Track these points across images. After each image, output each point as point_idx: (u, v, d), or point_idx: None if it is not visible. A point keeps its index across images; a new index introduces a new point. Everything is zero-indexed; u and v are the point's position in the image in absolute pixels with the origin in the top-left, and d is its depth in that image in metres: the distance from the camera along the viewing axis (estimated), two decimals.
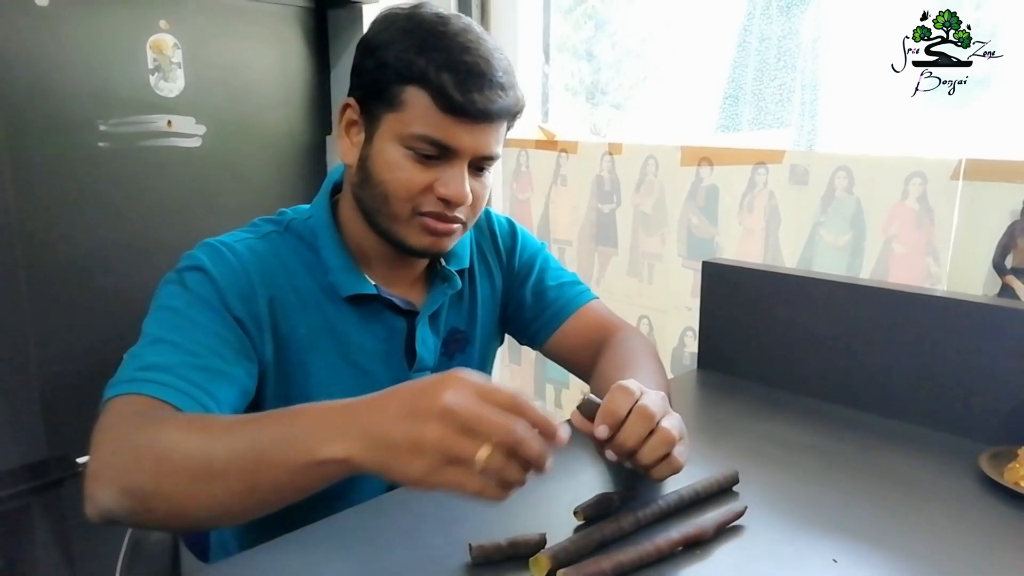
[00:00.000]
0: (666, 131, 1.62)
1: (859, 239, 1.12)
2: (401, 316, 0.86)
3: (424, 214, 0.78)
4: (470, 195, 0.78)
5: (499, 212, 1.05)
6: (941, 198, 1.02)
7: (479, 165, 0.79)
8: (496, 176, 1.66)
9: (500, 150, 0.80)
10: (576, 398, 1.14)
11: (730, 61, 1.44)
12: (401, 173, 0.76)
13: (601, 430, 0.63)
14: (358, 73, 0.79)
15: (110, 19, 1.33)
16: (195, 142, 1.47)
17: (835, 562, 0.65)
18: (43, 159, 1.29)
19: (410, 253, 0.82)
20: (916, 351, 0.96)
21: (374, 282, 0.84)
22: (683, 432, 0.69)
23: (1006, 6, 1.07)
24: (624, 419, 0.64)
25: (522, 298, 0.99)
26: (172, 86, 1.42)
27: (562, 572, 0.59)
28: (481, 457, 0.50)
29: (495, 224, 0.99)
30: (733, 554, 0.67)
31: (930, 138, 1.14)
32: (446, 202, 0.77)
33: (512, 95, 0.77)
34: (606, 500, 0.71)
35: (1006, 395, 0.89)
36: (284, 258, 0.81)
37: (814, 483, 0.81)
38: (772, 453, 0.88)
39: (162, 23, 1.39)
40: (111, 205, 1.38)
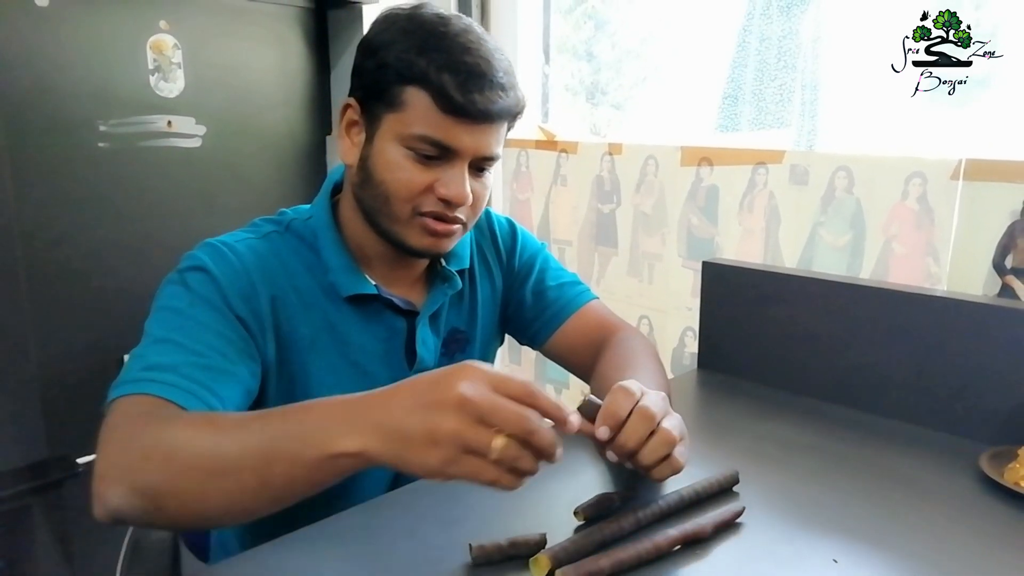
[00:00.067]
0: (666, 131, 1.62)
1: (859, 239, 1.12)
2: (401, 316, 0.86)
3: (424, 214, 0.78)
4: (470, 195, 0.78)
5: (499, 212, 1.05)
6: (941, 198, 1.02)
7: (479, 166, 0.80)
8: (496, 176, 1.66)
9: (500, 151, 0.80)
10: (576, 398, 1.14)
11: (730, 61, 1.44)
12: (402, 173, 0.76)
13: (602, 431, 0.63)
14: (359, 73, 0.79)
15: (110, 19, 1.33)
16: (195, 142, 1.47)
17: (835, 562, 0.65)
18: (43, 159, 1.29)
19: (410, 253, 0.82)
20: (916, 351, 0.96)
21: (374, 282, 0.84)
22: (684, 432, 0.69)
23: (1006, 6, 1.07)
24: (625, 420, 0.64)
25: (522, 298, 0.99)
26: (172, 86, 1.42)
27: (561, 571, 0.59)
28: (497, 446, 0.51)
29: (495, 224, 0.99)
30: (733, 554, 0.67)
31: (930, 138, 1.14)
32: (446, 202, 0.77)
33: (513, 96, 0.77)
34: (606, 500, 0.71)
35: (1006, 395, 0.89)
36: (285, 258, 0.81)
37: (814, 483, 0.81)
38: (772, 453, 0.88)
39: (162, 23, 1.39)
40: (111, 205, 1.38)
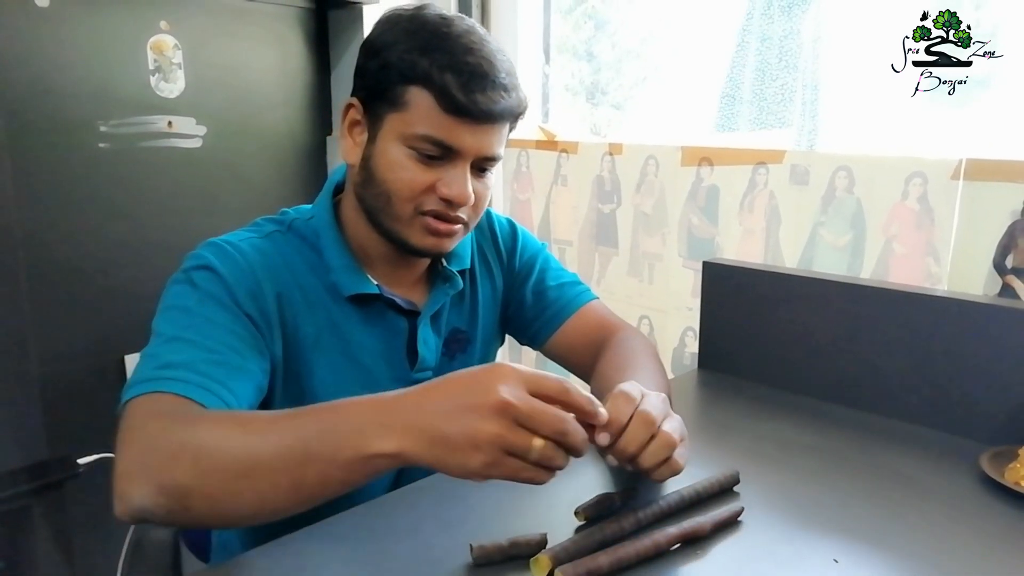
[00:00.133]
0: (666, 131, 1.62)
1: (859, 239, 1.12)
2: (403, 316, 0.86)
3: (426, 213, 0.78)
4: (472, 195, 0.78)
5: (500, 212, 1.05)
6: (941, 198, 1.02)
7: (481, 166, 0.80)
8: (497, 177, 1.66)
9: (503, 151, 0.81)
10: None
11: (730, 61, 1.44)
12: (404, 173, 0.76)
13: (603, 437, 0.62)
14: (361, 74, 0.79)
15: (110, 20, 1.33)
16: (195, 143, 1.48)
17: (836, 562, 0.65)
18: (44, 160, 1.29)
19: (412, 253, 0.82)
20: (916, 351, 0.96)
21: (376, 282, 0.84)
22: (684, 434, 0.68)
23: (1006, 6, 1.07)
24: (625, 426, 0.64)
25: (522, 298, 0.99)
26: (172, 87, 1.43)
27: (560, 569, 0.60)
28: (536, 447, 0.53)
29: (496, 224, 0.99)
30: (733, 554, 0.67)
31: (930, 138, 1.14)
32: (448, 202, 0.77)
33: (515, 96, 0.77)
34: (607, 500, 0.71)
35: (1007, 395, 0.89)
36: (288, 257, 0.81)
37: (814, 483, 0.81)
38: (772, 453, 0.88)
39: (162, 24, 1.39)
40: (111, 206, 1.38)
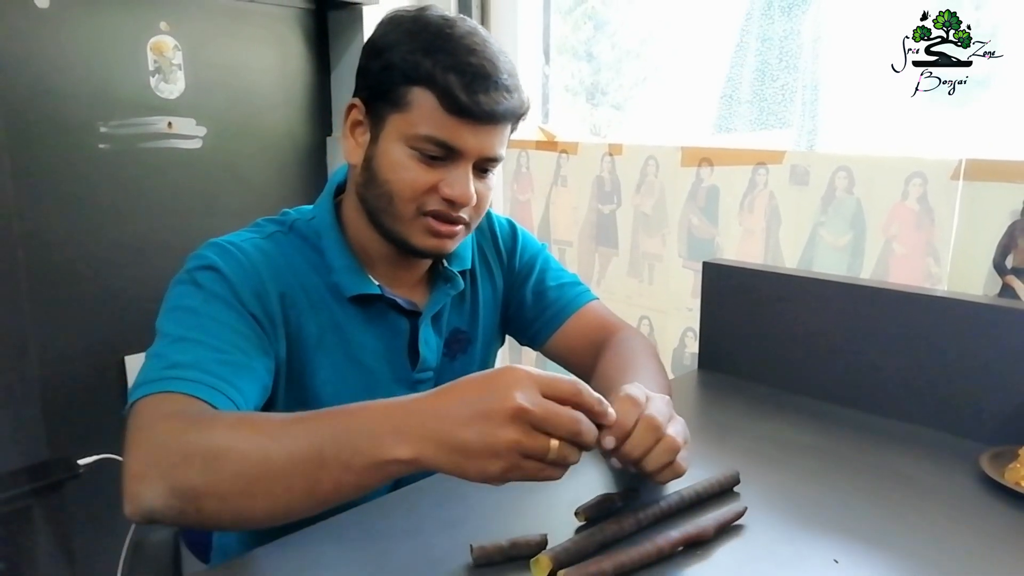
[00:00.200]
0: (666, 132, 1.62)
1: (859, 239, 1.12)
2: (404, 316, 0.86)
3: (428, 214, 0.78)
4: (474, 196, 0.78)
5: (500, 213, 1.05)
6: (941, 198, 1.02)
7: (483, 166, 0.80)
8: (497, 177, 1.66)
9: (504, 152, 0.81)
10: None
11: (730, 61, 1.44)
12: (406, 173, 0.76)
13: (608, 441, 0.62)
14: (363, 74, 0.79)
15: (110, 21, 1.33)
16: (195, 144, 1.48)
17: (836, 562, 0.65)
18: (44, 161, 1.29)
19: (413, 253, 0.82)
20: (917, 351, 0.96)
21: (378, 282, 0.84)
22: (687, 437, 0.68)
23: (1006, 6, 1.07)
24: (631, 430, 0.63)
25: (523, 299, 0.99)
26: (172, 88, 1.43)
27: (563, 572, 0.59)
28: (553, 448, 0.55)
29: (496, 225, 0.99)
30: (734, 554, 0.67)
31: (930, 138, 1.14)
32: (450, 203, 0.77)
33: (517, 97, 0.78)
34: (607, 501, 0.71)
35: (1007, 395, 0.89)
36: (290, 257, 0.81)
37: (815, 483, 0.81)
38: (773, 453, 0.88)
39: (162, 25, 1.39)
40: (112, 207, 1.38)
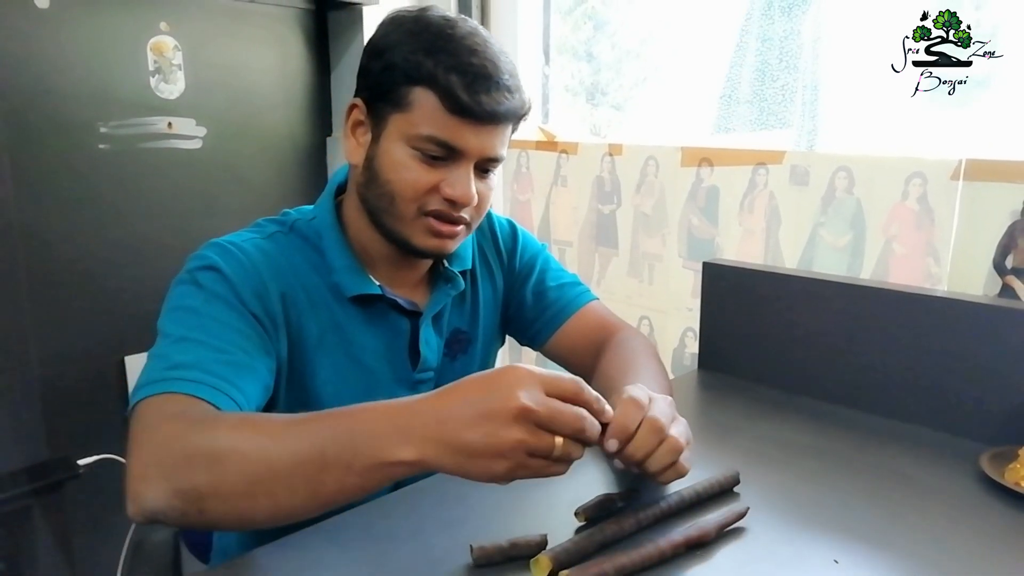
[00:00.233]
0: (666, 132, 1.62)
1: (859, 239, 1.12)
2: (405, 316, 0.86)
3: (429, 214, 0.78)
4: (476, 196, 0.79)
5: (500, 213, 1.05)
6: (941, 198, 1.02)
7: (485, 167, 0.80)
8: (497, 177, 1.66)
9: (505, 152, 0.81)
10: None
11: (730, 62, 1.44)
12: (408, 173, 0.76)
13: (611, 444, 0.62)
14: (365, 74, 0.79)
15: (110, 21, 1.33)
16: (195, 144, 1.48)
17: (836, 563, 0.65)
18: (44, 161, 1.29)
19: (414, 253, 0.83)
20: (917, 351, 0.96)
21: (378, 283, 0.84)
22: (689, 438, 0.68)
23: (1006, 6, 1.07)
24: (634, 432, 0.63)
25: (523, 299, 0.99)
26: (172, 88, 1.43)
27: (565, 573, 0.59)
28: (558, 445, 0.55)
29: (496, 225, 0.99)
30: (734, 555, 0.67)
31: (930, 138, 1.14)
32: (452, 203, 0.77)
33: (518, 97, 0.78)
34: (607, 501, 0.71)
35: (1007, 395, 0.89)
36: (291, 258, 0.81)
37: (814, 483, 0.81)
38: (772, 454, 0.88)
39: (162, 25, 1.39)
40: (112, 207, 1.38)
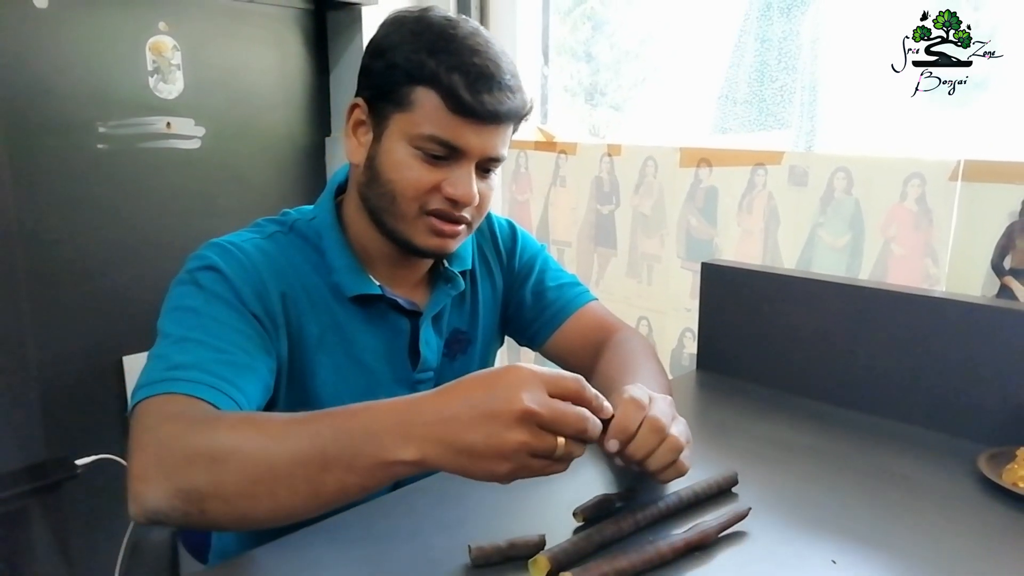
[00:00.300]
0: (665, 132, 1.62)
1: (858, 240, 1.12)
2: (405, 317, 0.86)
3: (430, 213, 0.78)
4: (477, 195, 0.79)
5: (498, 213, 1.05)
6: (940, 199, 1.02)
7: (486, 166, 0.80)
8: (497, 178, 1.66)
9: (506, 152, 0.81)
10: None
11: (729, 62, 1.44)
12: (409, 172, 0.76)
13: (612, 444, 0.62)
14: (366, 74, 0.79)
15: (109, 21, 1.33)
16: (194, 144, 1.47)
17: (834, 563, 0.65)
18: (43, 161, 1.29)
19: (415, 253, 0.83)
20: (915, 352, 0.96)
21: (378, 283, 0.84)
22: (689, 437, 0.69)
23: (1006, 6, 1.07)
24: (635, 432, 0.63)
25: (522, 299, 0.99)
26: (171, 88, 1.43)
27: (570, 572, 0.59)
28: (560, 446, 0.55)
29: (495, 226, 0.99)
30: (732, 555, 0.67)
31: (929, 139, 1.14)
32: (453, 202, 0.78)
33: (520, 98, 0.78)
34: (606, 501, 0.71)
35: (1005, 396, 0.89)
36: (291, 257, 0.81)
37: (813, 484, 0.81)
38: (771, 454, 0.88)
39: (161, 25, 1.39)
40: (111, 207, 1.38)
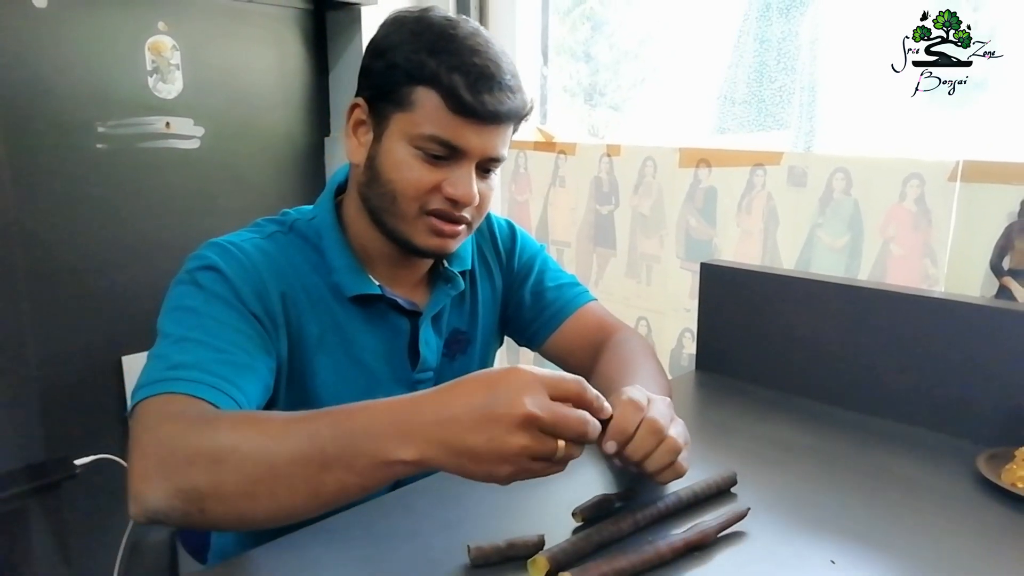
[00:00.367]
0: (664, 133, 1.62)
1: (857, 240, 1.12)
2: (405, 317, 0.86)
3: (431, 213, 0.78)
4: (478, 195, 0.79)
5: (497, 214, 1.05)
6: (939, 200, 1.03)
7: (486, 167, 0.80)
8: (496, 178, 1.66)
9: (507, 152, 0.81)
10: None
11: (728, 63, 1.44)
12: (410, 172, 0.77)
13: (610, 446, 0.62)
14: (367, 74, 0.79)
15: (109, 21, 1.33)
16: (194, 144, 1.47)
17: (833, 563, 0.65)
18: (42, 161, 1.29)
19: (416, 253, 0.83)
20: (914, 352, 0.96)
21: (378, 283, 0.84)
22: (687, 439, 0.69)
23: (1005, 6, 1.07)
24: (633, 434, 0.63)
25: (521, 299, 0.99)
26: (171, 88, 1.42)
27: (570, 572, 0.59)
28: (560, 449, 0.55)
29: (495, 226, 1.00)
30: (732, 555, 0.67)
31: (928, 139, 1.15)
32: (453, 202, 0.78)
33: (520, 98, 0.78)
34: (605, 501, 0.71)
35: (1003, 396, 0.90)
36: (291, 257, 0.81)
37: (812, 484, 0.81)
38: (770, 454, 0.88)
39: (160, 25, 1.39)
40: (110, 207, 1.38)
